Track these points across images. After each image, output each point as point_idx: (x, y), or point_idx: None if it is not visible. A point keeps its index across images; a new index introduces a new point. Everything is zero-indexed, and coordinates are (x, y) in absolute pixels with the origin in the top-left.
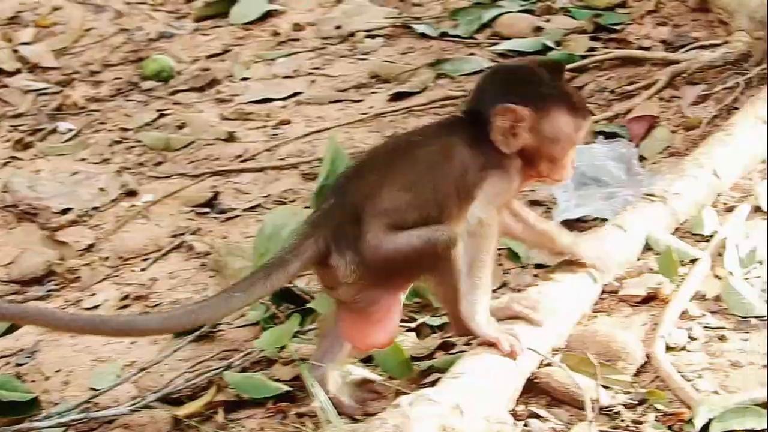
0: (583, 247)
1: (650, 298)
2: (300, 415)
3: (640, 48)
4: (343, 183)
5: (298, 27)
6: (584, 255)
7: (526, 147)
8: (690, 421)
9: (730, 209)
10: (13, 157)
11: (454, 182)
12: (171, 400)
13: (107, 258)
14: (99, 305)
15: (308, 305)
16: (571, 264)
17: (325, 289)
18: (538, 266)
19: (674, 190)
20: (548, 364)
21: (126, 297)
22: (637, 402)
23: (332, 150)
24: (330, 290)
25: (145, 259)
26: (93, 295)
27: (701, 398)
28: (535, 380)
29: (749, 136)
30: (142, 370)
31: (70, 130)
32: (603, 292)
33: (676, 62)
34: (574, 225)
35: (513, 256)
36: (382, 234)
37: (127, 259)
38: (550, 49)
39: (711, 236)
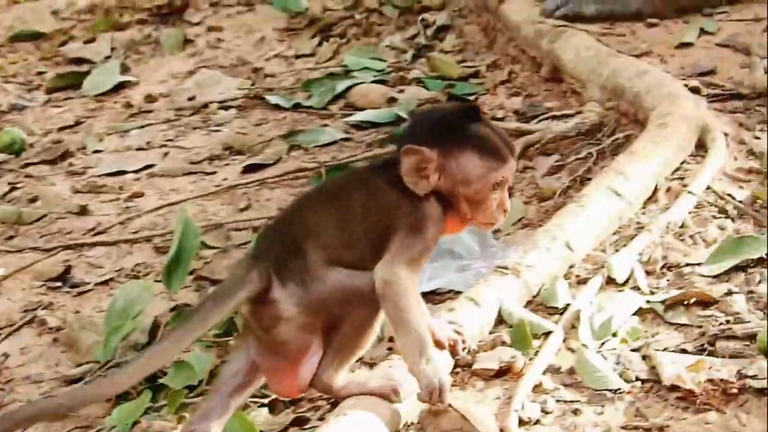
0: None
1: (504, 372)
2: None
3: (494, 118)
4: (282, 221)
5: (150, 98)
6: (441, 338)
7: (440, 190)
8: None
9: (583, 281)
10: None
11: (381, 225)
12: None
13: None
14: None
15: (160, 381)
16: None
17: (259, 330)
18: (392, 339)
19: (527, 263)
20: None
21: None
22: None
23: (183, 223)
24: (265, 330)
25: None
26: None
27: None
28: None
29: (601, 208)
30: None
31: None
32: (456, 366)
33: (530, 132)
34: (428, 297)
35: None
36: (325, 268)
37: None
38: (404, 119)
39: (564, 309)
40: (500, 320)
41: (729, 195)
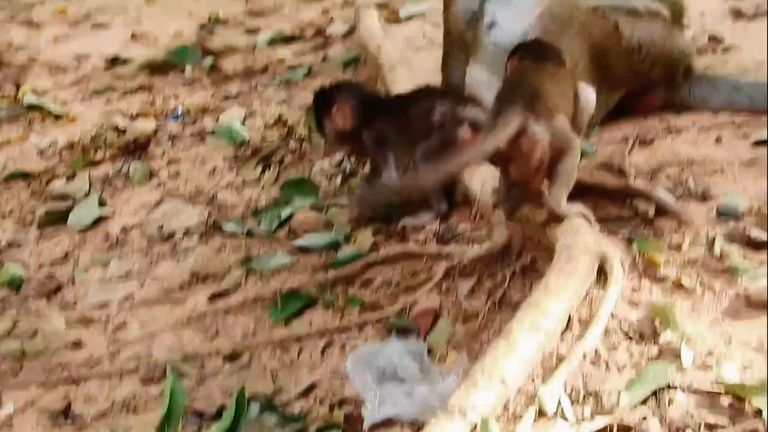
0: None
1: None
2: None
3: (417, 241)
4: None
5: (125, 230)
6: None
7: None
8: None
9: (519, 416)
10: None
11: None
12: None
13: None
14: None
15: None
16: None
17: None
18: None
19: (470, 404)
20: None
21: None
22: None
23: (172, 384)
24: (520, 155)
25: None
26: None
27: None
28: None
29: (528, 343)
30: None
31: None
32: None
33: (449, 255)
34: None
35: None
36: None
37: None
38: (340, 245)
39: None
40: None
41: (629, 321)
